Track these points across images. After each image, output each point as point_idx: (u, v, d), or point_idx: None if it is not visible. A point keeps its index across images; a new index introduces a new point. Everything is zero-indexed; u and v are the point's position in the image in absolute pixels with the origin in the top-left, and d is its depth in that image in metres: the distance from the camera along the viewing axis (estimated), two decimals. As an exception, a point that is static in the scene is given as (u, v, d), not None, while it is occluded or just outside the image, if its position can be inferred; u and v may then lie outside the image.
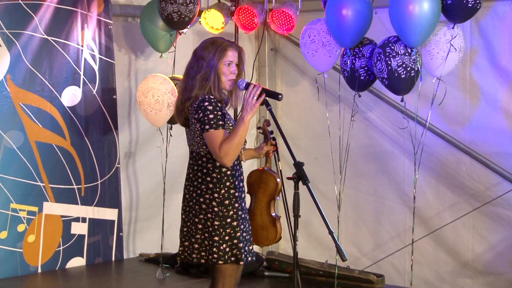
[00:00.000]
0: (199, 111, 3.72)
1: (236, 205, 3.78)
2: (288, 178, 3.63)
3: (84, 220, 6.09)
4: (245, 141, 3.80)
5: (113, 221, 6.25)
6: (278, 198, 4.54)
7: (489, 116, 5.82)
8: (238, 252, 3.75)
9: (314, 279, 5.65)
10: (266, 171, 4.54)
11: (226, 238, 3.74)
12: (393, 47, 4.76)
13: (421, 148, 5.17)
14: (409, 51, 4.76)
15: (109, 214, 6.23)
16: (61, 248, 5.98)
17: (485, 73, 5.77)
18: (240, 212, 3.79)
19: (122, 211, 6.29)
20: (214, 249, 3.74)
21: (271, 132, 4.18)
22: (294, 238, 3.55)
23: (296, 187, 3.59)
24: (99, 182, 6.16)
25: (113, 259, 6.25)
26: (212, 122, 3.69)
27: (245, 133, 3.71)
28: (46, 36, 5.83)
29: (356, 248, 6.57)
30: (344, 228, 6.44)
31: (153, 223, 6.24)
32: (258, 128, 4.28)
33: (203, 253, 3.79)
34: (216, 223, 3.74)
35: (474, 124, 5.90)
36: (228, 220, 3.75)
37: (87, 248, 6.10)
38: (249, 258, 3.80)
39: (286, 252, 6.61)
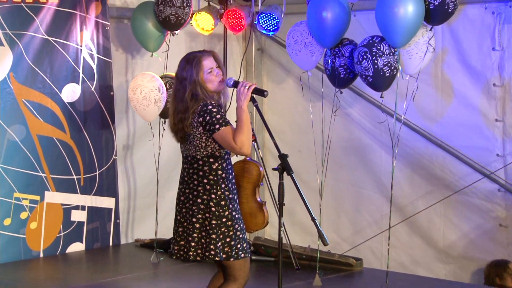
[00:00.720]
0: (205, 115, 3.71)
1: (231, 206, 3.79)
2: (273, 169, 3.65)
3: (83, 208, 6.08)
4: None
5: (111, 209, 6.25)
6: (262, 184, 4.55)
7: (460, 112, 5.87)
8: (229, 250, 3.77)
9: (297, 263, 5.67)
10: (248, 160, 4.54)
11: (221, 236, 3.76)
12: (379, 47, 4.74)
13: (397, 141, 5.20)
14: (393, 51, 4.76)
15: (107, 202, 6.23)
16: (61, 234, 5.97)
17: (455, 72, 5.82)
18: (234, 213, 3.80)
19: (119, 200, 6.29)
20: (212, 246, 3.76)
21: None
22: (279, 224, 3.57)
23: (281, 178, 3.61)
24: (97, 172, 6.15)
25: (111, 244, 6.25)
26: (221, 120, 3.70)
27: (249, 119, 3.73)
28: (47, 37, 5.81)
29: (337, 234, 6.60)
30: (326, 215, 6.47)
31: (150, 211, 6.22)
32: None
33: (199, 251, 3.80)
34: (214, 222, 3.76)
35: (446, 119, 5.94)
36: (224, 219, 3.77)
37: (86, 234, 6.10)
38: (242, 255, 3.80)
39: (271, 237, 6.63)
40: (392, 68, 4.78)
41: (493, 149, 5.73)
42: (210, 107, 3.73)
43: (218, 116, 3.71)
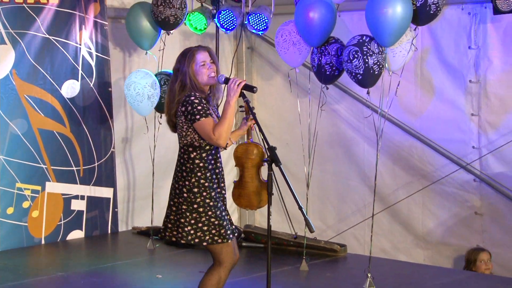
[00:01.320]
0: (187, 105, 3.71)
1: (205, 193, 3.74)
2: (263, 161, 3.65)
3: (82, 197, 6.08)
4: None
5: (109, 198, 6.24)
6: (264, 164, 4.53)
7: (439, 107, 5.90)
8: (201, 235, 3.74)
9: (285, 249, 5.71)
10: (250, 143, 4.54)
11: (192, 221, 3.73)
12: (369, 46, 4.72)
13: (380, 134, 5.22)
14: (382, 50, 4.74)
15: (106, 192, 6.22)
16: (62, 222, 5.97)
17: (435, 69, 5.84)
18: (208, 200, 3.74)
19: (117, 190, 6.29)
20: (179, 229, 3.75)
21: (253, 108, 4.15)
22: (268, 212, 3.59)
23: (270, 169, 3.61)
24: (96, 164, 6.15)
25: (109, 232, 6.25)
26: (201, 112, 3.69)
27: (233, 115, 3.71)
28: (47, 36, 5.79)
29: (322, 222, 6.62)
30: (312, 204, 6.50)
31: (149, 202, 6.20)
32: (240, 106, 4.22)
33: (174, 232, 3.80)
34: (184, 207, 3.74)
35: (425, 114, 5.97)
36: (195, 206, 3.73)
37: (85, 222, 6.10)
38: (218, 240, 3.75)
39: (261, 225, 6.65)
40: (381, 66, 4.77)
41: (469, 142, 5.77)
42: (192, 98, 3.72)
43: (199, 108, 3.70)
